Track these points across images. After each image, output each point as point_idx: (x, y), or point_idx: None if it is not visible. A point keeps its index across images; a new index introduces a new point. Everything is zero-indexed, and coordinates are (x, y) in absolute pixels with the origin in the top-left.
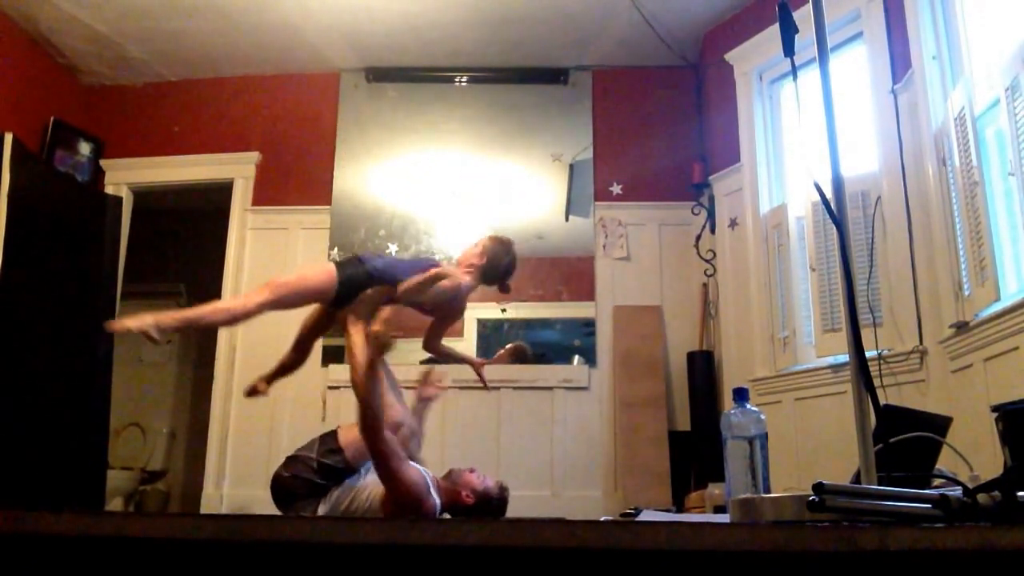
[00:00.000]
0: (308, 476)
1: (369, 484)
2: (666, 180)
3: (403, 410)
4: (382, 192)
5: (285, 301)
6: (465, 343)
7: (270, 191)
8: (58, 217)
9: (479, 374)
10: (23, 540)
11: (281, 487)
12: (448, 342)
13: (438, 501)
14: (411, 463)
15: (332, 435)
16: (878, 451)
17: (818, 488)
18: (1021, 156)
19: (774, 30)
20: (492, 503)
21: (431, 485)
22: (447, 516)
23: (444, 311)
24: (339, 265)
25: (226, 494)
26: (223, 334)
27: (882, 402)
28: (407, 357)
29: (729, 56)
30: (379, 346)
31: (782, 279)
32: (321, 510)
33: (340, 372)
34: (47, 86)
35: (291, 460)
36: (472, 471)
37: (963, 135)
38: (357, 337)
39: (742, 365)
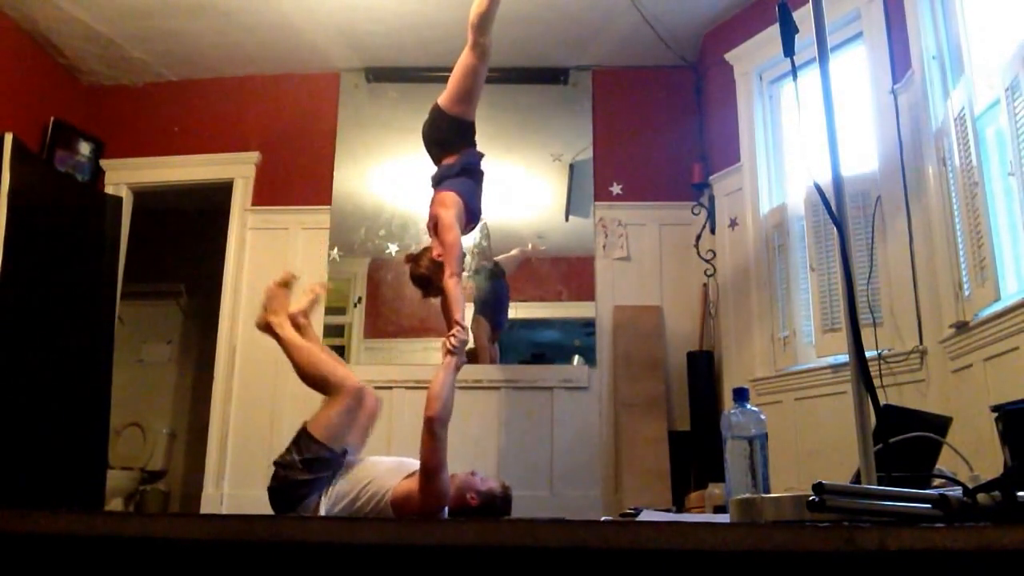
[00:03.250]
0: (300, 477)
1: (372, 481)
2: (666, 180)
3: None
4: (382, 192)
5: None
6: None
7: (270, 191)
8: (58, 217)
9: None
10: (23, 540)
11: (278, 496)
12: None
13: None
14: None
15: (303, 433)
16: (878, 451)
17: (818, 488)
18: (1021, 156)
19: (774, 30)
20: (497, 503)
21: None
22: None
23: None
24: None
25: (226, 494)
26: (223, 335)
27: (882, 402)
28: (410, 357)
29: (729, 56)
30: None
31: (782, 279)
32: (323, 508)
33: None
34: (47, 86)
35: (277, 468)
36: (473, 474)
37: (963, 135)
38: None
39: (742, 365)
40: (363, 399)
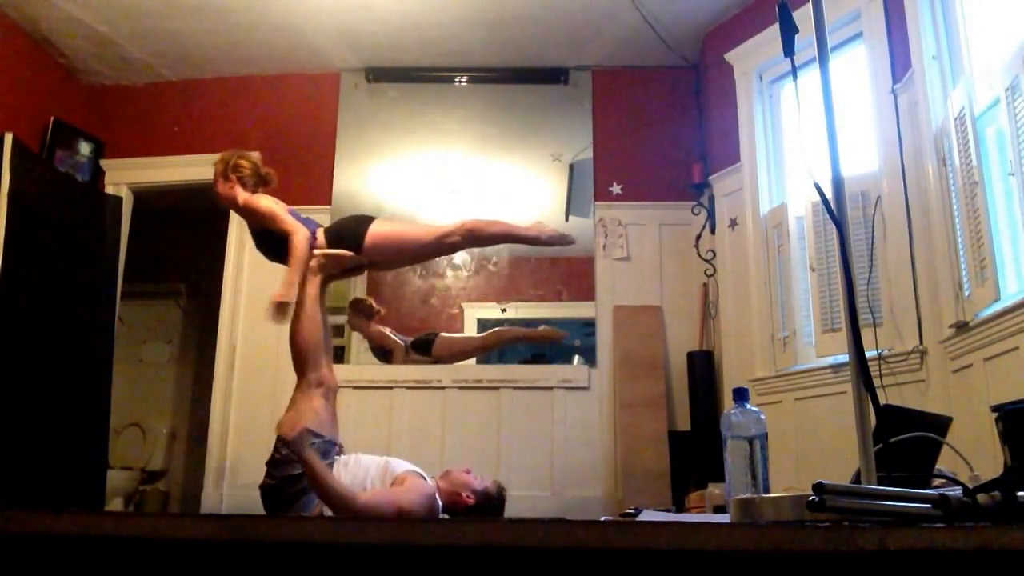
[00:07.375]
0: (295, 472)
1: (370, 473)
2: (666, 180)
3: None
4: (382, 192)
5: None
6: None
7: (270, 191)
8: (58, 217)
9: None
10: (23, 540)
11: (272, 494)
12: None
13: (440, 505)
14: (414, 470)
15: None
16: (878, 451)
17: (818, 488)
18: (1021, 156)
19: (774, 30)
20: (492, 502)
21: (435, 492)
22: (446, 517)
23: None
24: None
25: (226, 494)
26: (223, 335)
27: (882, 402)
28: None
29: (729, 56)
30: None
31: (782, 279)
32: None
33: (339, 372)
34: (47, 86)
35: (272, 465)
36: (468, 471)
37: (963, 135)
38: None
39: (742, 365)
40: (333, 393)
